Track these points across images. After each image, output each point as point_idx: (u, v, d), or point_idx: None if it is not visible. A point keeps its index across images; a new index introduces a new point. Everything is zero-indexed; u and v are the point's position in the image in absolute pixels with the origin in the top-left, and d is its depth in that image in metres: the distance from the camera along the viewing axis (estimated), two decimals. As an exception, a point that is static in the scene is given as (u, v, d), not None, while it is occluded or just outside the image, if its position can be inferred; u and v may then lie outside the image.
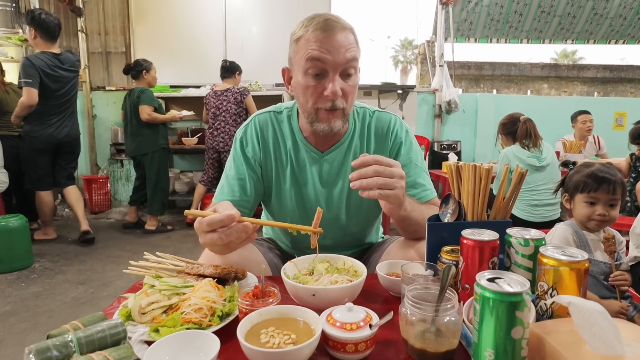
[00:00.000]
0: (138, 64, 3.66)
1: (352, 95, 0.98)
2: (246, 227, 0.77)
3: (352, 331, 0.61)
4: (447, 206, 0.88)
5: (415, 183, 1.08)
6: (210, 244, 0.77)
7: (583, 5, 5.20)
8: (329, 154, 1.09)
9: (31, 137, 3.13)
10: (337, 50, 0.91)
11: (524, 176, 0.84)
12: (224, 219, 0.74)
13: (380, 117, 1.13)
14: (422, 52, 8.54)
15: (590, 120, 3.77)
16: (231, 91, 3.74)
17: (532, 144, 2.62)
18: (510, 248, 0.72)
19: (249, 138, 1.10)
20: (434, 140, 4.94)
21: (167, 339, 0.60)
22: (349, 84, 0.95)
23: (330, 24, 0.92)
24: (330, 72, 0.93)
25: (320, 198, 1.09)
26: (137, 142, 3.65)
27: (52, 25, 3.07)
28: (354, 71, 0.96)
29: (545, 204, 2.59)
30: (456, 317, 0.58)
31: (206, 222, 0.75)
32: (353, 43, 0.94)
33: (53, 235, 3.50)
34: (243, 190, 1.07)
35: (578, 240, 1.14)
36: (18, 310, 2.20)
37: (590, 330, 0.46)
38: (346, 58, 0.92)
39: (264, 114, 1.12)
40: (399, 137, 1.11)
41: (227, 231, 0.75)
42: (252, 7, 4.85)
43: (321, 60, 0.91)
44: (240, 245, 0.80)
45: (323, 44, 0.91)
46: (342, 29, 0.93)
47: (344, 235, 1.14)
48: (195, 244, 3.43)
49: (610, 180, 1.13)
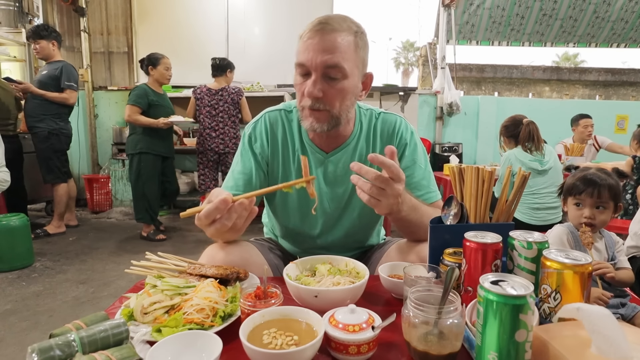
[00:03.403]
0: (145, 58, 3.49)
1: (339, 99, 0.95)
2: (242, 204, 0.77)
3: (354, 333, 0.60)
4: (450, 208, 0.88)
5: (419, 185, 1.08)
6: (217, 234, 0.77)
7: (585, 9, 5.20)
8: (334, 155, 1.08)
9: (63, 133, 3.53)
10: (317, 53, 0.90)
11: (526, 179, 0.84)
12: (218, 205, 0.74)
13: (386, 118, 1.13)
14: (424, 54, 8.55)
15: (592, 124, 3.77)
16: (227, 91, 3.64)
17: (534, 147, 2.60)
18: (513, 251, 0.72)
19: (258, 134, 1.10)
20: (435, 142, 4.93)
21: (170, 339, 0.60)
22: (333, 87, 0.94)
23: (322, 26, 0.91)
24: (313, 73, 0.92)
25: (325, 199, 1.09)
26: (126, 143, 3.59)
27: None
28: (339, 76, 0.93)
29: (547, 207, 2.59)
30: (459, 319, 0.58)
31: (204, 216, 0.75)
32: (341, 47, 0.91)
33: (64, 228, 3.69)
34: (248, 185, 1.07)
35: (573, 241, 1.15)
36: (18, 309, 2.20)
37: (602, 334, 0.46)
38: (324, 62, 0.90)
39: (274, 112, 1.12)
40: (404, 138, 1.11)
41: (227, 215, 0.75)
42: (254, 8, 4.86)
43: (303, 62, 0.93)
44: (247, 223, 0.80)
45: (308, 46, 0.91)
46: (332, 31, 0.91)
47: (346, 237, 1.14)
48: (197, 244, 3.43)
49: (596, 184, 1.14)
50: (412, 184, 1.08)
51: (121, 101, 4.87)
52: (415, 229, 0.96)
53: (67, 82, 3.47)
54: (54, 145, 3.48)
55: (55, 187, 3.55)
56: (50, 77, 3.44)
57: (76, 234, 3.68)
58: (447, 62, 4.98)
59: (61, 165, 3.57)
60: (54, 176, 3.52)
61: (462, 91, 6.40)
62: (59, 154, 3.54)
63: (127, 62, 5.00)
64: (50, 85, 3.44)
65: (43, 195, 4.18)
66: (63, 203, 3.60)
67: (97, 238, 3.58)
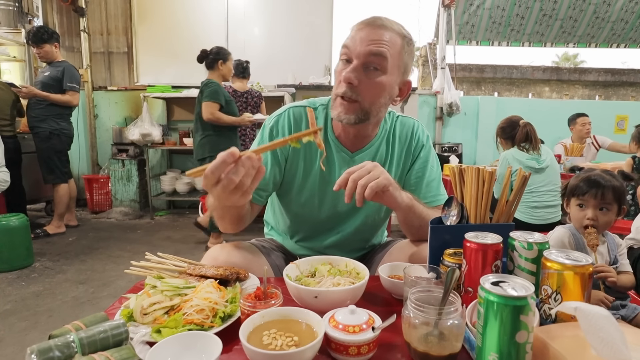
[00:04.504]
0: (214, 52, 3.18)
1: (371, 92, 0.95)
2: (251, 157, 0.70)
3: (354, 334, 0.60)
4: (450, 209, 0.87)
5: (430, 186, 1.10)
6: (224, 194, 0.71)
7: (585, 9, 5.20)
8: (358, 155, 1.08)
9: (64, 133, 3.55)
10: (362, 41, 0.92)
11: (527, 179, 0.84)
12: (225, 158, 0.69)
13: (404, 121, 1.14)
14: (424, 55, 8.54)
15: (589, 122, 3.77)
16: (251, 94, 3.67)
17: (531, 147, 2.62)
18: (514, 251, 0.72)
19: (280, 128, 1.06)
20: (435, 142, 4.93)
21: (169, 340, 0.60)
22: (368, 78, 0.93)
23: (374, 20, 0.94)
24: (354, 60, 0.93)
25: (342, 197, 1.09)
26: (200, 146, 3.16)
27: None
28: (379, 67, 0.93)
29: (546, 205, 2.60)
30: (459, 320, 0.58)
31: (210, 171, 0.69)
32: (388, 42, 0.92)
33: (63, 228, 3.69)
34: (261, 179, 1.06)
35: (575, 243, 1.14)
36: (18, 309, 2.20)
37: (597, 335, 0.45)
38: (368, 50, 0.91)
39: (298, 108, 1.09)
40: (420, 141, 1.13)
41: (234, 169, 0.69)
42: (254, 8, 4.86)
43: (347, 44, 0.94)
44: (254, 185, 0.74)
45: (356, 34, 0.93)
46: (382, 26, 0.93)
47: (355, 233, 1.14)
48: (196, 245, 3.42)
49: (600, 185, 1.14)
50: (424, 183, 1.10)
51: (121, 101, 4.87)
52: (422, 222, 0.97)
53: (70, 83, 3.48)
54: (55, 145, 3.48)
55: (56, 187, 3.55)
56: (52, 79, 3.45)
57: (76, 234, 3.68)
58: (447, 62, 4.98)
59: (62, 165, 3.58)
60: (55, 176, 3.52)
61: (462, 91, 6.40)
62: (60, 154, 3.54)
63: (127, 62, 5.00)
64: (52, 86, 3.45)
65: (43, 195, 4.18)
66: (63, 203, 3.60)
67: (96, 238, 3.58)
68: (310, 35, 4.77)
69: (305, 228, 1.16)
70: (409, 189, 1.10)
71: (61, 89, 3.47)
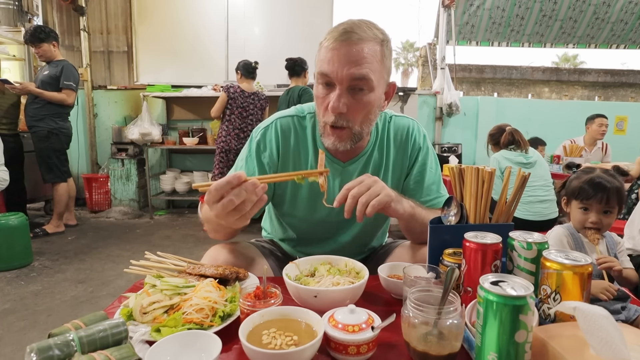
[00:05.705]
0: (304, 61, 3.47)
1: (361, 114, 0.91)
2: (254, 183, 0.71)
3: (354, 333, 0.60)
4: (450, 209, 0.88)
5: (429, 190, 1.08)
6: (223, 213, 0.71)
7: (584, 10, 5.21)
8: (351, 165, 1.05)
9: (62, 132, 3.54)
10: (341, 64, 0.86)
11: (526, 179, 0.85)
12: (230, 179, 0.70)
13: (399, 122, 1.09)
14: (424, 55, 8.55)
15: (606, 124, 3.81)
16: (258, 96, 3.71)
17: (519, 148, 2.80)
18: (513, 251, 0.72)
19: (268, 142, 1.04)
20: (434, 142, 4.93)
21: (169, 339, 0.60)
22: (358, 101, 0.89)
23: (347, 35, 0.86)
24: (337, 85, 0.88)
25: (336, 209, 1.09)
26: None
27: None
28: (365, 88, 0.89)
29: (541, 200, 2.68)
30: (459, 320, 0.58)
31: (214, 188, 0.70)
32: (368, 57, 0.87)
33: (63, 227, 3.68)
34: None
35: (573, 243, 1.15)
36: (17, 308, 2.19)
37: (596, 335, 0.46)
38: (350, 74, 0.86)
39: (286, 118, 1.06)
40: (417, 143, 1.09)
41: (237, 191, 0.70)
42: (254, 8, 4.86)
43: (327, 72, 0.88)
44: (253, 212, 0.74)
45: (333, 56, 0.86)
46: (359, 41, 0.86)
47: (353, 240, 1.13)
48: (195, 244, 3.42)
49: (605, 188, 1.13)
50: (423, 188, 1.07)
51: (121, 100, 4.87)
52: (424, 228, 0.94)
53: (66, 81, 3.48)
54: (53, 144, 3.48)
55: (55, 186, 3.55)
56: (51, 77, 3.46)
57: (75, 233, 3.68)
58: (447, 63, 4.98)
59: (61, 164, 3.57)
60: (54, 175, 3.52)
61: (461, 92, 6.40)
62: (58, 153, 3.54)
63: (126, 62, 4.99)
64: (51, 85, 3.45)
65: (42, 195, 4.18)
66: (63, 202, 3.60)
67: (96, 237, 3.58)
68: (310, 35, 4.77)
69: (302, 237, 1.14)
70: (408, 193, 1.07)
71: (59, 88, 3.47)
